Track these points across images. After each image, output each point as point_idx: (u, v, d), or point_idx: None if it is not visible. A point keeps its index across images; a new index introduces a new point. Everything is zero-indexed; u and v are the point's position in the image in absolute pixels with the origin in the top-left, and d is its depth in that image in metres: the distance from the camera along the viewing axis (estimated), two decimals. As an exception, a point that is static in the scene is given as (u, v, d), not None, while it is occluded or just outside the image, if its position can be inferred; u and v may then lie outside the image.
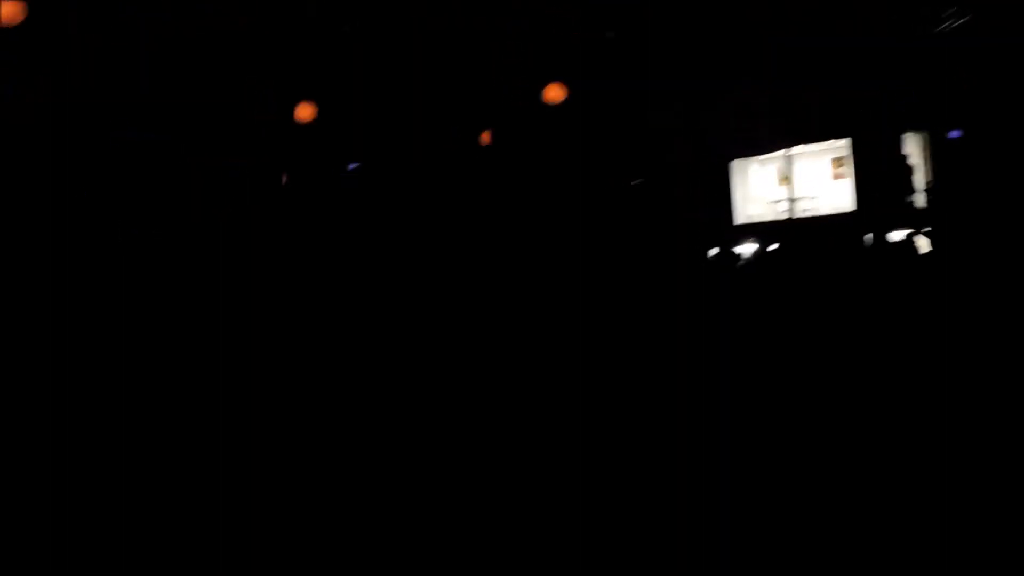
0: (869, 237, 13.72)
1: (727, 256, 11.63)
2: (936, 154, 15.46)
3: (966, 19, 14.08)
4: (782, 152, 16.35)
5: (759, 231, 16.44)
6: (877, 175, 15.21)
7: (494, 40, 17.21)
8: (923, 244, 14.10)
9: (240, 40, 18.59)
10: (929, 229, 14.18)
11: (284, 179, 18.30)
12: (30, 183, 14.80)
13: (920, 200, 15.17)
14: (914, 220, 14.64)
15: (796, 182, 16.43)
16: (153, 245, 10.71)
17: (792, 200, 16.38)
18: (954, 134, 15.18)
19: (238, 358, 4.88)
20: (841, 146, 15.88)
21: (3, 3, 14.02)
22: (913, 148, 15.46)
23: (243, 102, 19.64)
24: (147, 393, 4.30)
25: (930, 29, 14.56)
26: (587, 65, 16.80)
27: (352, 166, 19.16)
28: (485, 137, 16.38)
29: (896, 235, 14.13)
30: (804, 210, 16.28)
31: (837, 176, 16.02)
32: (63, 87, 17.60)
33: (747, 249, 15.90)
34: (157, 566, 2.55)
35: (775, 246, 13.61)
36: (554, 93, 14.25)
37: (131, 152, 17.22)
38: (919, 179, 15.31)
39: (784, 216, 16.49)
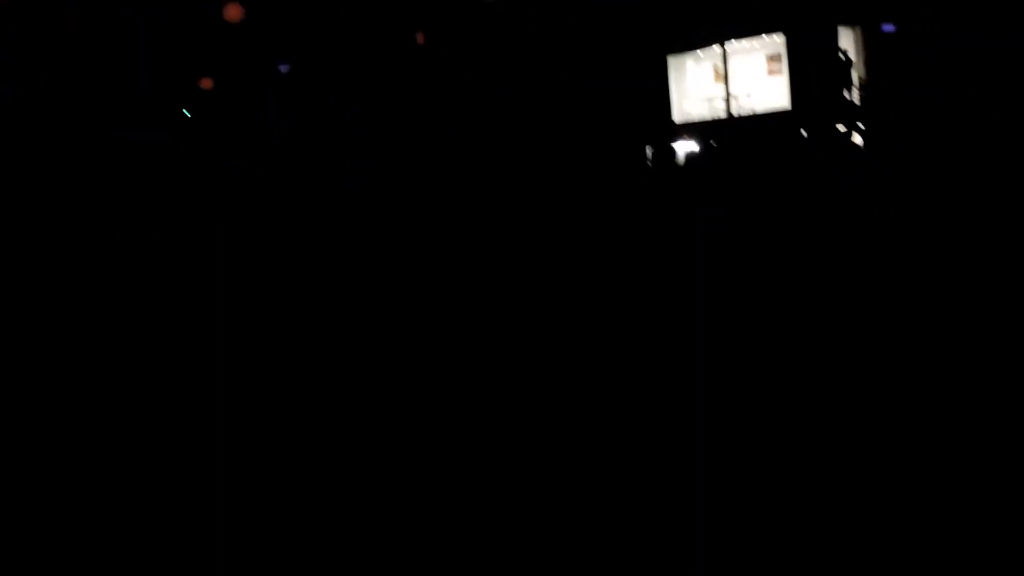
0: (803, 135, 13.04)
1: (665, 153, 10.99)
2: (871, 49, 14.71)
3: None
4: (717, 48, 15.84)
5: (697, 129, 15.94)
6: (812, 71, 14.71)
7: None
8: (858, 140, 13.60)
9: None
10: (863, 126, 13.64)
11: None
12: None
13: (855, 96, 14.74)
14: (850, 116, 14.08)
15: (732, 79, 15.99)
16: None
17: (728, 98, 15.98)
18: (887, 28, 14.55)
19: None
20: (776, 42, 15.05)
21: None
22: (848, 43, 14.71)
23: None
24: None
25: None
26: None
27: (283, 67, 18.56)
28: (420, 38, 16.20)
29: (832, 131, 13.70)
30: (740, 108, 15.85)
31: (772, 72, 15.56)
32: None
33: (685, 147, 15.69)
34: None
35: (713, 144, 12.98)
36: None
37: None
38: (854, 75, 14.67)
39: (721, 114, 16.09)
